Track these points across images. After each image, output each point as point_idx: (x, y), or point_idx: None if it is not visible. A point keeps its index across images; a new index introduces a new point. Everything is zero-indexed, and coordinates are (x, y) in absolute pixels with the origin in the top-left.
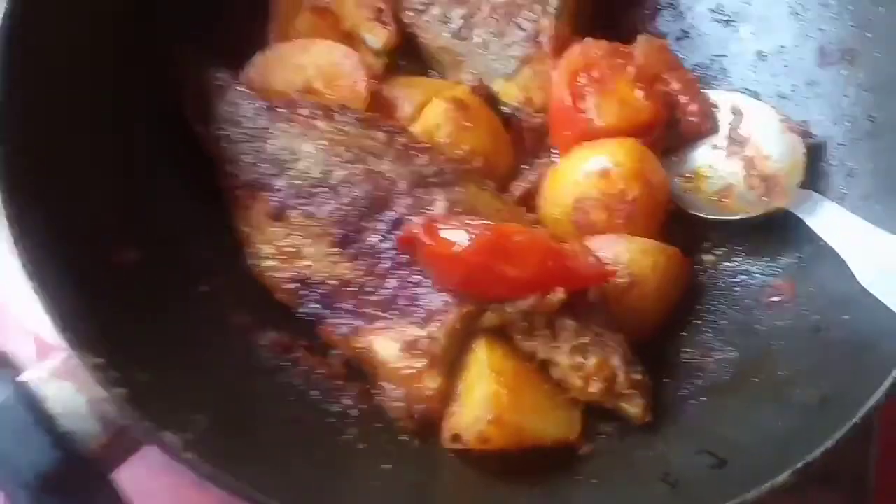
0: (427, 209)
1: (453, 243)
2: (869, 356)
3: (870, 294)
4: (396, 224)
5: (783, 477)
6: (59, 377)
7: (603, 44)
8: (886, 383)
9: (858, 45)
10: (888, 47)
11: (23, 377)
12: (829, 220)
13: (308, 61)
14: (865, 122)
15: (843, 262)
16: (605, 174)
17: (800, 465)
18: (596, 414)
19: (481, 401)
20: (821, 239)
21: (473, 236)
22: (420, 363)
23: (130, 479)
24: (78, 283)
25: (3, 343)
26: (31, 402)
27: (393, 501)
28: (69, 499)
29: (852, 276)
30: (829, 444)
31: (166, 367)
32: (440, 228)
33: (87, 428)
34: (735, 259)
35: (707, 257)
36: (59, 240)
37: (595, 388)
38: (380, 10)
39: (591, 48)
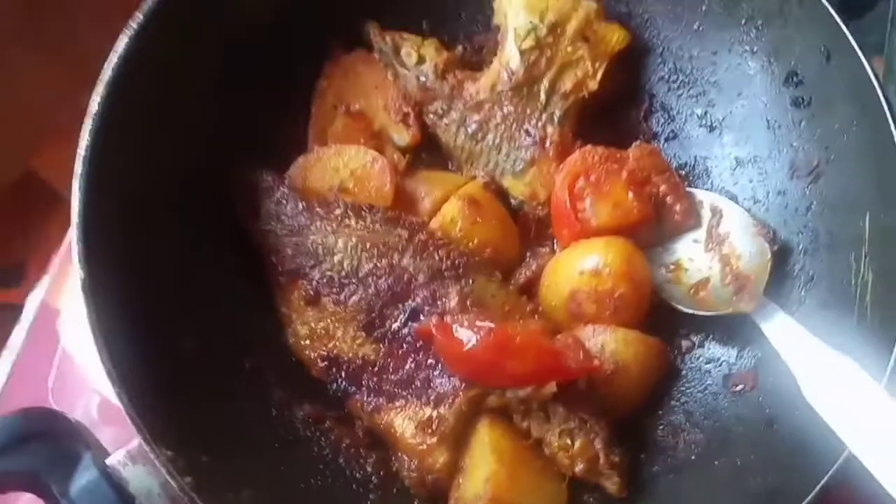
0: (442, 300)
1: (463, 342)
2: (810, 455)
3: None
4: (415, 313)
5: None
6: (134, 461)
7: (600, 150)
8: (820, 485)
9: (824, 164)
10: (849, 171)
11: (109, 461)
12: (782, 331)
13: (342, 164)
14: (826, 235)
15: None
16: (596, 273)
17: None
18: (580, 484)
19: (482, 480)
20: None
21: (480, 337)
22: (432, 440)
23: None
24: (150, 380)
25: (69, 406)
26: (115, 485)
27: None
28: None
29: None
30: None
31: (221, 446)
32: (452, 328)
33: None
34: (708, 347)
35: (684, 343)
36: (136, 339)
37: (579, 466)
38: (406, 114)
39: (589, 154)
